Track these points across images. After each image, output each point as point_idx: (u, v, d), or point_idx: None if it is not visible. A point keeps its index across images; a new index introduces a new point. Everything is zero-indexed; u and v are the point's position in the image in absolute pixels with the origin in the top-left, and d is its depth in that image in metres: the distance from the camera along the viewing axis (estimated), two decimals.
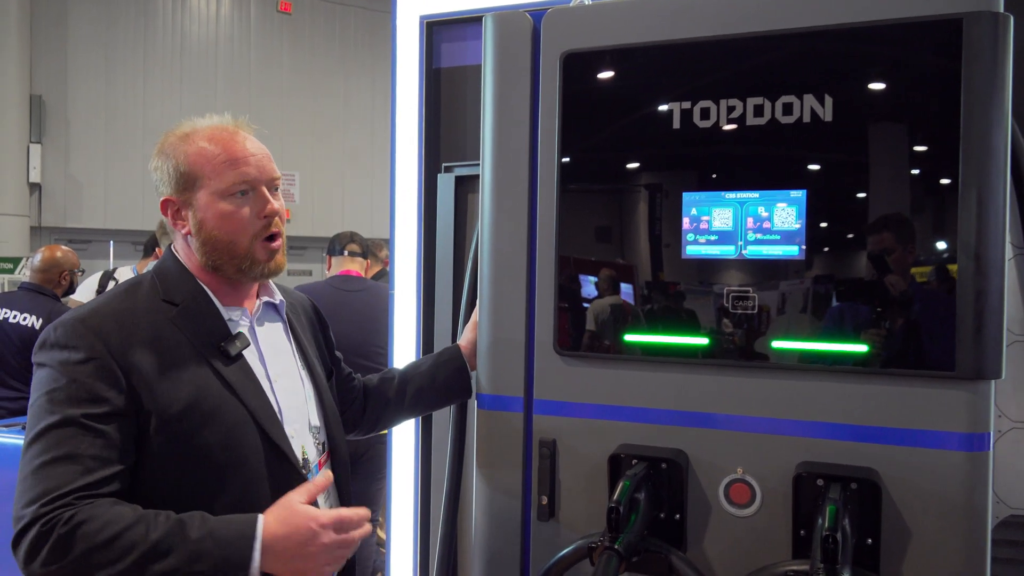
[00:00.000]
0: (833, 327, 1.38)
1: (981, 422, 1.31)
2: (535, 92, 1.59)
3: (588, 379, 1.55)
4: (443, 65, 2.22)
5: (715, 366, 1.45)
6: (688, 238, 1.47)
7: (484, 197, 1.64)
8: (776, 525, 1.41)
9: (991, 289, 1.29)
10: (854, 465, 1.36)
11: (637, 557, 1.37)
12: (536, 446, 1.58)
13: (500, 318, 1.62)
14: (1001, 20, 1.30)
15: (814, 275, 1.40)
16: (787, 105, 1.40)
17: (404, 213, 2.22)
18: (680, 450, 1.47)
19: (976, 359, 1.29)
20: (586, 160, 1.56)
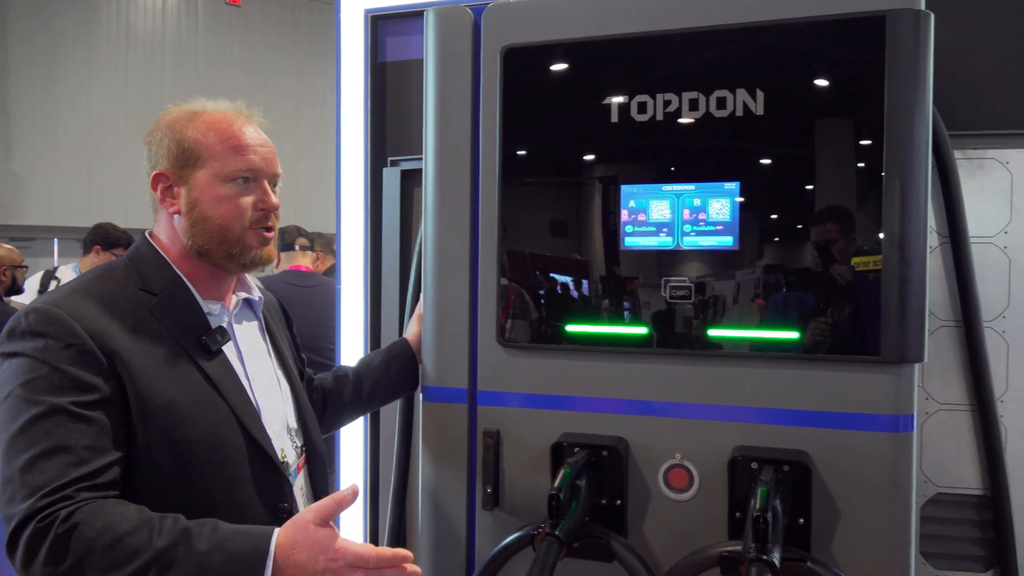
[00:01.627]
0: (766, 315, 1.42)
1: (905, 404, 1.36)
2: (476, 87, 1.60)
3: (531, 370, 1.57)
4: (388, 59, 2.22)
5: (654, 355, 1.49)
6: (627, 230, 1.50)
7: (427, 191, 1.65)
8: (713, 508, 1.45)
9: (913, 277, 1.35)
10: (787, 448, 1.40)
11: (578, 543, 1.39)
12: (480, 436, 1.59)
13: (444, 311, 1.63)
14: (922, 17, 1.35)
15: (748, 265, 1.44)
16: (721, 99, 1.44)
17: (350, 207, 2.22)
18: (621, 437, 1.50)
19: (900, 344, 1.34)
20: (527, 154, 1.58)
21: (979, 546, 1.69)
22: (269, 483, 1.37)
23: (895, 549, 1.37)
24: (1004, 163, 1.69)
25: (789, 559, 1.28)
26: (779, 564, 1.21)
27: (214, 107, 1.45)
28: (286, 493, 1.39)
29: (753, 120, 1.42)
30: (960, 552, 1.70)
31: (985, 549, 1.68)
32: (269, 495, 1.36)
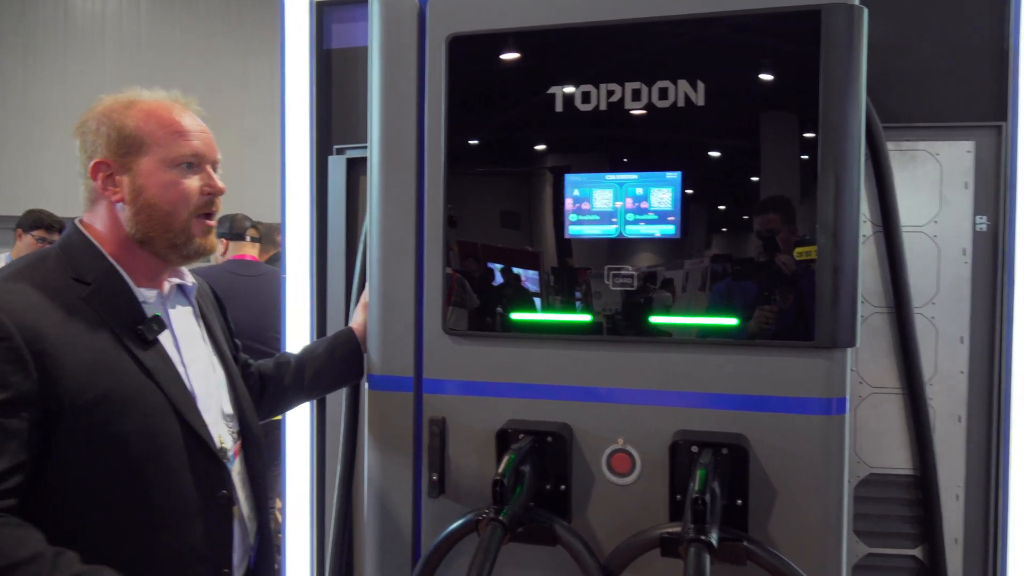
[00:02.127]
0: (706, 302, 1.45)
1: (837, 387, 1.41)
2: (421, 75, 1.60)
3: (476, 358, 1.58)
4: (334, 46, 2.20)
5: (597, 342, 1.51)
6: (571, 218, 1.52)
7: (372, 180, 1.65)
8: (654, 491, 1.48)
9: (846, 265, 1.39)
10: (725, 432, 1.44)
11: (522, 528, 1.41)
12: (426, 424, 1.60)
13: (390, 299, 1.63)
14: (856, 12, 1.39)
15: (688, 253, 1.46)
16: (663, 90, 1.46)
17: (296, 196, 2.20)
18: (565, 423, 1.52)
19: (832, 330, 1.38)
20: (472, 143, 1.59)
21: (909, 524, 1.76)
22: (207, 471, 1.37)
23: (828, 528, 1.42)
24: (934, 155, 1.75)
25: (726, 539, 1.32)
26: (716, 544, 1.24)
27: (150, 95, 1.44)
28: (224, 480, 1.39)
29: (694, 111, 1.45)
30: (891, 530, 1.77)
31: (914, 527, 1.75)
32: (207, 483, 1.36)
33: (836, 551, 1.43)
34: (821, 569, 1.42)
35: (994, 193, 1.73)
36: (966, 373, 1.75)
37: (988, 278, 1.74)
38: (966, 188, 1.73)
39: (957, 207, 1.74)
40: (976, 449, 1.75)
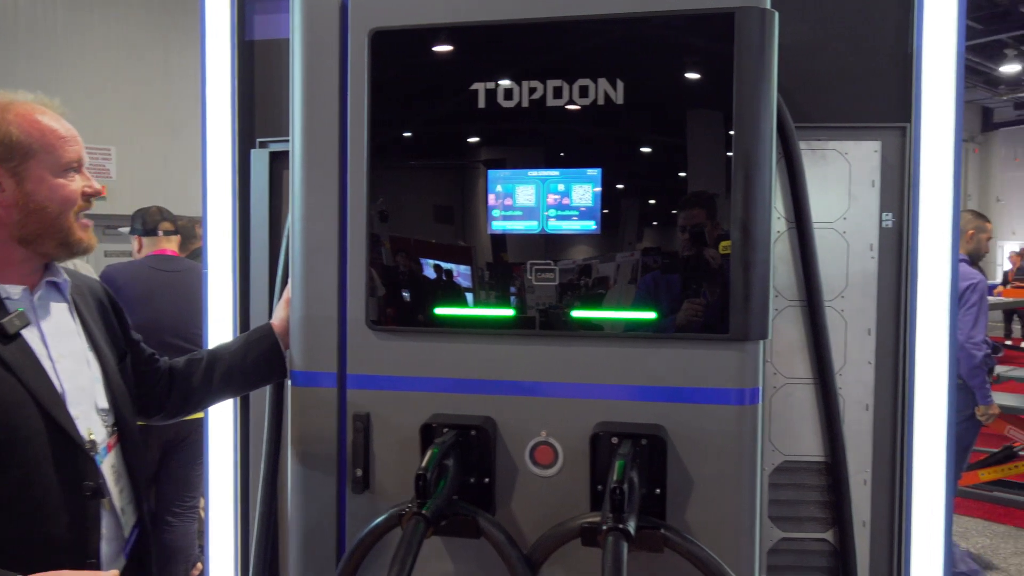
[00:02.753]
0: (625, 296, 1.48)
1: (751, 378, 1.46)
2: (344, 69, 1.59)
3: (400, 352, 1.58)
4: (257, 37, 2.17)
5: (520, 336, 1.53)
6: (494, 214, 1.53)
7: (294, 174, 1.63)
8: (576, 482, 1.51)
9: (758, 260, 1.44)
10: (644, 423, 1.48)
11: (445, 521, 1.42)
12: (350, 420, 1.60)
13: (312, 295, 1.62)
14: (768, 15, 1.44)
15: (609, 248, 1.49)
16: (583, 88, 1.48)
17: (218, 190, 2.15)
18: (489, 417, 1.54)
19: (745, 323, 1.43)
20: (396, 137, 1.58)
21: (820, 508, 1.83)
22: (70, 462, 1.38)
23: (741, 514, 1.47)
24: (844, 154, 1.82)
25: (644, 527, 1.35)
26: (634, 532, 1.27)
27: (22, 98, 1.45)
28: (90, 471, 1.41)
29: (614, 109, 1.47)
30: (804, 515, 1.84)
31: (825, 511, 1.82)
32: (70, 474, 1.38)
33: (750, 536, 1.48)
34: (736, 554, 1.47)
35: (899, 191, 1.81)
36: (873, 363, 1.83)
37: (893, 272, 1.82)
38: (873, 186, 1.81)
39: (865, 204, 1.81)
40: (882, 436, 1.83)
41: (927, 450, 1.82)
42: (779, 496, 1.83)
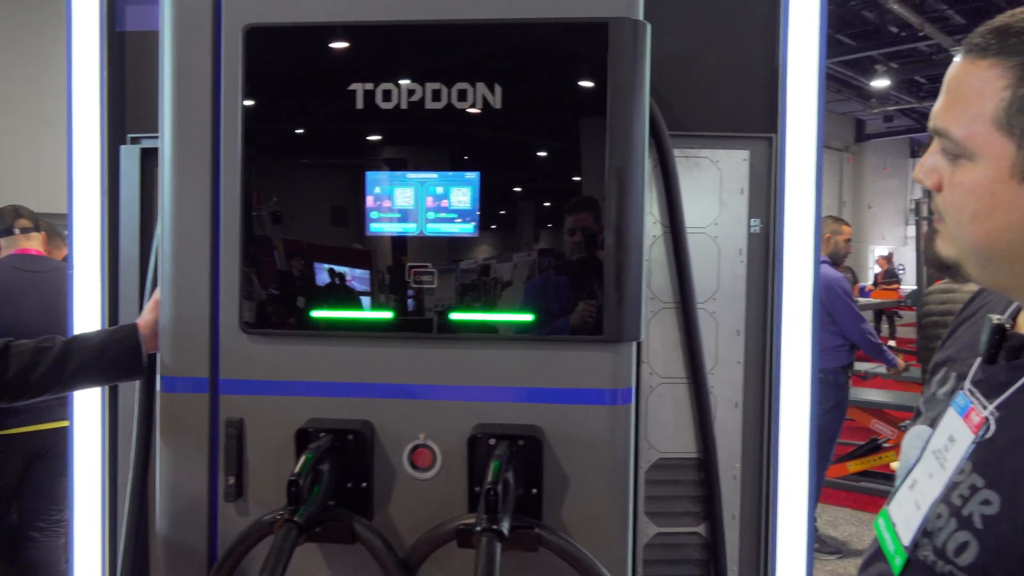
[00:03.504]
0: (502, 299, 1.50)
1: (623, 379, 1.50)
2: (217, 65, 1.55)
3: (276, 356, 1.55)
4: (128, 28, 2.08)
5: (398, 338, 1.52)
6: (372, 216, 1.52)
7: (164, 172, 1.57)
8: (455, 485, 1.51)
9: (631, 263, 1.48)
10: (522, 424, 1.50)
11: (320, 527, 1.40)
12: (223, 426, 1.55)
13: (183, 297, 1.56)
14: (640, 26, 1.48)
15: (487, 251, 1.51)
16: (462, 91, 1.49)
17: (86, 187, 2.05)
18: (367, 421, 1.53)
19: (619, 324, 1.47)
20: (271, 137, 1.55)
21: (693, 503, 1.90)
22: None
23: (615, 511, 1.51)
24: (715, 162, 1.90)
25: (518, 527, 1.37)
26: (508, 533, 1.29)
27: None
28: None
29: (492, 113, 1.49)
30: (678, 510, 1.90)
31: (697, 506, 1.89)
32: None
33: (623, 533, 1.53)
34: (610, 550, 1.51)
35: (766, 198, 1.90)
36: (742, 363, 1.91)
37: (761, 276, 1.91)
38: (742, 193, 1.89)
39: (734, 210, 1.89)
40: (751, 432, 1.92)
41: (792, 444, 1.92)
42: (655, 492, 1.88)
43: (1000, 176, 0.83)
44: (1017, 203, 0.82)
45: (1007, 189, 0.82)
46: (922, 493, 0.92)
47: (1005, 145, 0.82)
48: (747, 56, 1.92)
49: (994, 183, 0.83)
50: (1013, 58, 0.81)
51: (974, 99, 0.84)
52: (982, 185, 0.84)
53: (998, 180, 0.83)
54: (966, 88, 0.85)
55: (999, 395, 0.86)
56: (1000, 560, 0.79)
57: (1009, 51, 0.81)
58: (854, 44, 16.01)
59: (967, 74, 0.85)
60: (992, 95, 0.82)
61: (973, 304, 1.09)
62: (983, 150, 0.83)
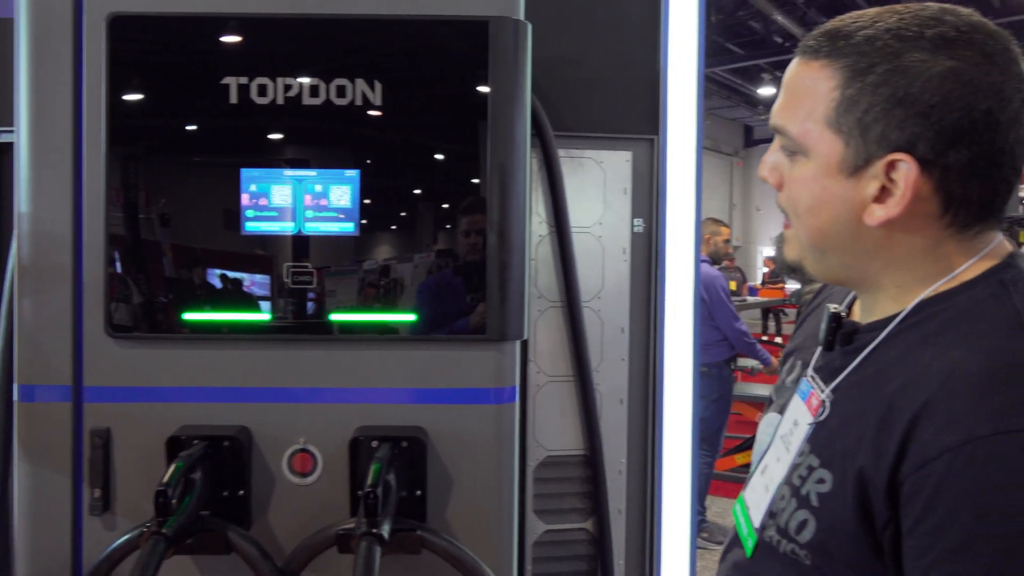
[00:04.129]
0: (383, 298, 1.48)
1: (508, 377, 1.50)
2: (79, 55, 1.46)
3: (146, 361, 1.48)
4: None
5: (276, 341, 1.48)
6: (248, 214, 1.47)
7: (21, 168, 1.48)
8: (337, 489, 1.48)
9: (514, 262, 1.48)
10: (405, 425, 1.48)
11: (191, 539, 1.35)
12: (88, 437, 1.47)
13: (43, 300, 1.47)
14: (520, 26, 1.49)
15: (367, 250, 1.48)
16: (340, 87, 1.46)
17: None
18: (243, 426, 1.47)
19: (502, 323, 1.47)
20: (139, 131, 1.48)
21: (581, 499, 1.92)
22: None
23: (500, 510, 1.51)
24: (599, 162, 1.92)
25: (400, 530, 1.35)
26: (388, 536, 1.27)
27: None
28: None
29: (372, 110, 1.46)
30: (566, 506, 1.92)
31: (585, 502, 1.91)
32: None
33: (509, 532, 1.53)
34: (496, 550, 1.51)
35: (648, 199, 1.94)
36: (627, 360, 1.94)
37: (644, 275, 1.95)
38: (625, 193, 1.93)
39: (618, 210, 1.93)
40: (635, 428, 1.95)
41: (676, 439, 1.97)
42: (543, 490, 1.89)
43: (830, 171, 0.87)
44: (845, 196, 0.86)
45: (836, 183, 0.87)
46: (771, 477, 0.96)
47: (835, 142, 0.86)
48: (629, 59, 1.95)
49: (826, 178, 0.87)
50: (841, 60, 0.85)
51: (807, 98, 0.88)
52: (815, 180, 0.88)
53: (828, 175, 0.87)
54: (801, 88, 0.89)
55: (835, 379, 0.91)
56: (834, 536, 0.83)
57: (838, 53, 0.85)
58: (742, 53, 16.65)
59: (801, 74, 0.90)
60: (823, 95, 0.86)
61: (819, 296, 1.15)
62: (815, 147, 0.87)
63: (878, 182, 0.84)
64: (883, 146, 0.83)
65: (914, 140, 0.81)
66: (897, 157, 0.82)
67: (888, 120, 0.82)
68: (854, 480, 0.81)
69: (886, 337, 0.88)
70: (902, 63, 0.81)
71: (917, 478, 0.75)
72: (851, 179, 0.86)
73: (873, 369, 0.87)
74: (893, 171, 0.83)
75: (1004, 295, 0.83)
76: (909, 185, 0.82)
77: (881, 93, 0.82)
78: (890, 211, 0.84)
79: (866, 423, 0.82)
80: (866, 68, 0.83)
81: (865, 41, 0.83)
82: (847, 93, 0.84)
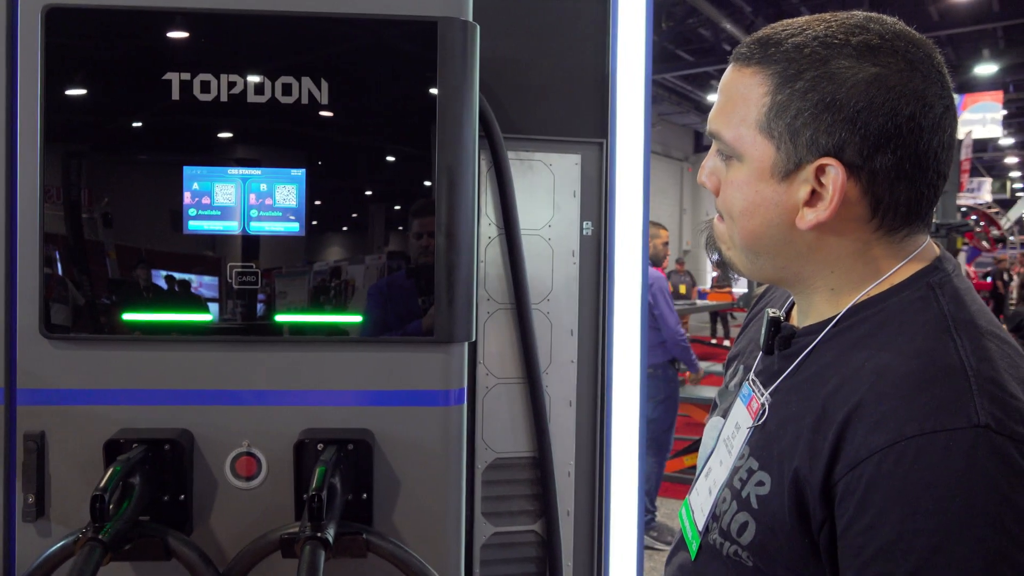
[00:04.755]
0: (330, 300, 1.46)
1: (456, 379, 1.49)
2: (12, 47, 1.42)
3: (83, 363, 1.44)
4: None
5: (219, 342, 1.45)
6: (190, 213, 1.44)
7: None
8: (281, 493, 1.45)
9: (462, 264, 1.48)
10: (352, 428, 1.46)
11: (130, 545, 1.31)
12: (20, 441, 1.42)
13: None
14: (469, 27, 1.49)
15: (313, 251, 1.46)
16: (286, 86, 1.44)
17: None
18: (185, 429, 1.44)
19: (450, 325, 1.46)
20: (76, 127, 1.44)
21: (530, 501, 1.92)
22: None
23: (448, 513, 1.50)
24: (548, 165, 1.93)
25: (344, 533, 1.34)
26: (333, 540, 1.25)
27: None
28: None
29: (319, 109, 1.45)
30: (515, 509, 1.92)
31: (534, 504, 1.92)
32: None
33: (457, 534, 1.52)
34: (443, 552, 1.50)
35: (597, 201, 1.95)
36: (576, 362, 1.95)
37: (593, 277, 1.96)
38: (574, 196, 1.94)
39: (567, 213, 1.94)
40: (584, 429, 1.96)
41: (624, 441, 1.98)
42: (491, 492, 1.89)
43: (763, 175, 0.89)
44: (777, 200, 0.88)
45: (768, 187, 0.88)
46: (714, 480, 0.97)
47: (767, 146, 0.88)
48: (579, 63, 1.96)
49: (759, 181, 0.89)
50: (772, 66, 0.87)
51: (740, 104, 0.90)
52: (749, 183, 0.90)
53: (761, 179, 0.89)
54: (735, 93, 0.91)
55: (773, 383, 0.92)
56: (773, 537, 0.85)
57: (768, 60, 0.87)
58: (692, 60, 16.90)
59: (735, 81, 0.91)
60: (755, 100, 0.88)
61: (762, 301, 1.17)
62: (749, 151, 0.89)
63: (808, 186, 0.86)
64: (812, 151, 0.84)
65: (842, 145, 0.83)
66: (826, 162, 0.84)
67: (817, 125, 0.84)
68: (790, 481, 0.82)
69: (821, 340, 0.89)
70: (829, 69, 0.83)
71: (849, 478, 0.77)
72: (783, 183, 0.87)
73: (809, 372, 0.89)
74: (823, 175, 0.85)
75: (931, 297, 0.85)
76: (838, 189, 0.84)
77: (810, 99, 0.84)
78: (820, 215, 0.85)
79: (802, 425, 0.84)
80: (795, 74, 0.85)
81: (794, 48, 0.85)
82: (777, 99, 0.86)
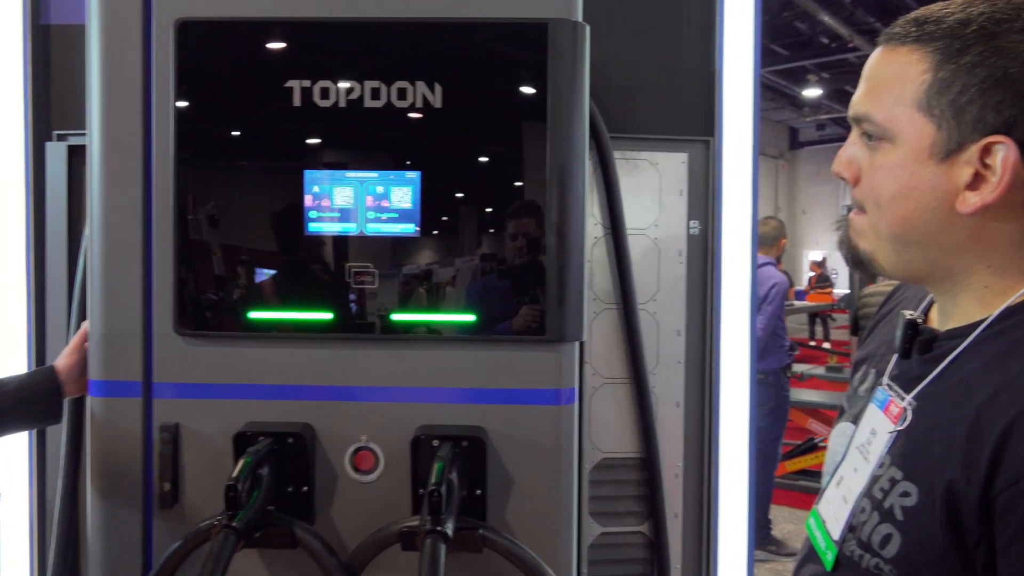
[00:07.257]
0: (444, 299, 1.49)
1: (567, 379, 1.50)
2: (148, 60, 1.50)
3: (212, 359, 1.51)
4: (53, 21, 2.01)
5: (338, 340, 1.50)
6: (311, 215, 1.50)
7: (93, 170, 1.52)
8: (398, 487, 1.49)
9: (572, 264, 1.48)
10: (465, 425, 1.49)
11: (259, 533, 1.37)
12: (157, 431, 1.50)
13: (113, 300, 1.51)
14: (579, 28, 1.49)
15: (429, 251, 1.50)
16: (401, 90, 1.48)
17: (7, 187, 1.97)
18: (307, 424, 1.50)
19: (560, 324, 1.47)
20: (206, 134, 1.51)
21: (636, 502, 1.91)
22: None
23: (560, 511, 1.51)
24: (654, 164, 1.92)
25: (463, 528, 1.36)
26: (452, 534, 1.28)
27: None
28: None
29: (432, 113, 1.48)
30: (622, 509, 1.91)
31: (641, 505, 1.91)
32: None
33: (568, 533, 1.53)
34: (555, 550, 1.50)
35: (704, 200, 1.93)
36: (683, 363, 1.93)
37: (700, 277, 1.94)
38: (681, 195, 1.92)
39: (674, 212, 1.92)
40: (692, 431, 1.94)
41: (732, 443, 1.95)
42: (599, 492, 1.89)
43: (920, 156, 0.84)
44: (935, 183, 0.84)
45: (926, 169, 0.84)
46: (848, 488, 0.93)
47: (925, 125, 0.84)
48: (685, 61, 1.95)
49: (915, 163, 0.85)
50: (931, 43, 0.83)
51: (895, 84, 0.86)
52: (903, 165, 0.85)
53: (918, 160, 0.85)
54: (887, 74, 0.87)
55: (914, 388, 0.88)
56: (922, 551, 0.80)
57: (927, 38, 0.84)
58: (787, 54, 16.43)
59: (888, 61, 0.88)
60: (913, 79, 0.84)
61: (890, 302, 1.12)
62: (904, 131, 0.85)
63: (971, 168, 0.81)
64: (978, 129, 0.80)
65: (1012, 122, 0.79)
66: (995, 139, 0.80)
67: (984, 102, 0.80)
68: (943, 494, 0.78)
69: (969, 345, 0.85)
70: (999, 43, 0.79)
71: (1011, 493, 0.72)
72: (942, 164, 0.83)
73: (956, 379, 0.84)
74: (988, 156, 0.80)
75: None
76: (1007, 169, 0.79)
77: (977, 74, 0.80)
78: (986, 196, 0.81)
79: (953, 435, 0.79)
80: (960, 49, 0.81)
81: (958, 24, 0.82)
82: (939, 75, 0.82)
